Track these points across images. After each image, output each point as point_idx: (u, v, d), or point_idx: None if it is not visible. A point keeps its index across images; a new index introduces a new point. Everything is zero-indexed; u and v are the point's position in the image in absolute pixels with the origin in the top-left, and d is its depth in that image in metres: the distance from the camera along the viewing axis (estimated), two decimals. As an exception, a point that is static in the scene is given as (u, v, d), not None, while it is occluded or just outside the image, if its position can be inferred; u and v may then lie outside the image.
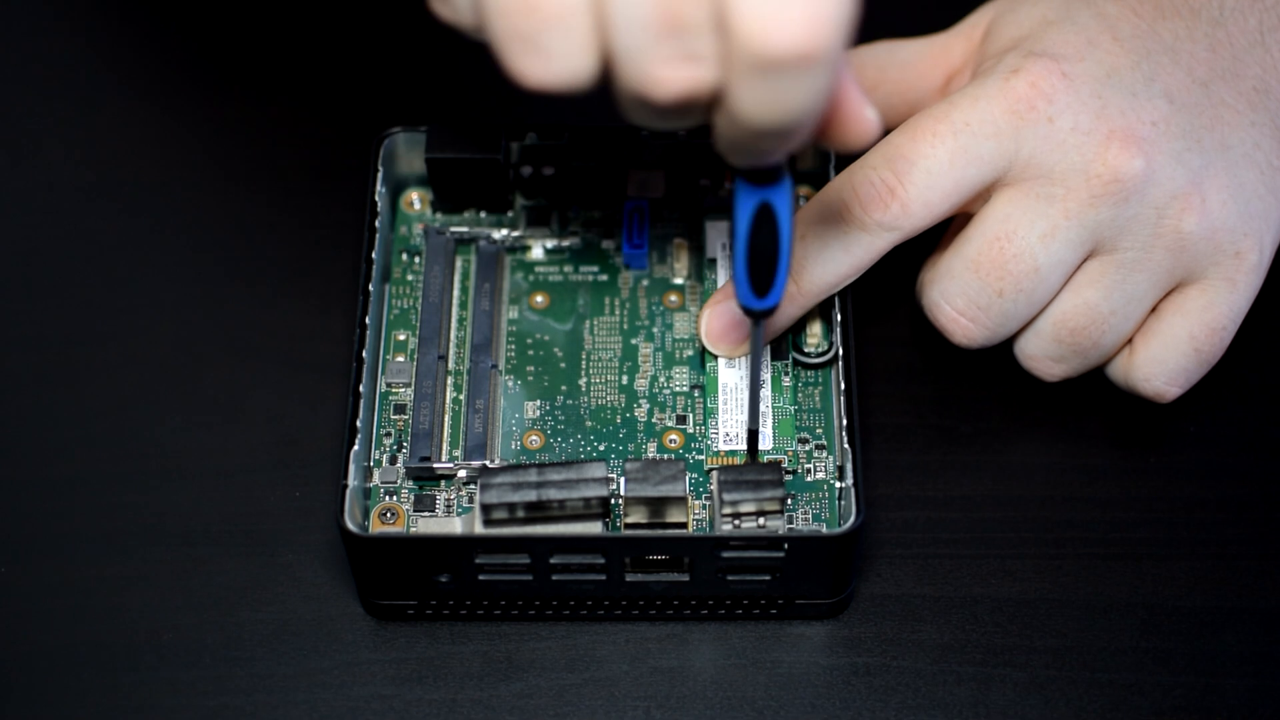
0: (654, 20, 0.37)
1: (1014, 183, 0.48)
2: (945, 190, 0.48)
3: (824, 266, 0.49)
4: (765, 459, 0.50)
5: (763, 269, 0.44)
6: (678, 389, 0.52)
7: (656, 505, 0.48)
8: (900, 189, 0.48)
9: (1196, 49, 0.48)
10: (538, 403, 0.52)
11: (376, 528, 0.49)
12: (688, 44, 0.37)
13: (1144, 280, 0.48)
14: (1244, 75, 0.49)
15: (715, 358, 0.52)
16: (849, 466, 0.48)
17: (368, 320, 0.51)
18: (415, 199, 0.55)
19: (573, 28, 0.37)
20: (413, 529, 0.49)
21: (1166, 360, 0.49)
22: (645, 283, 0.54)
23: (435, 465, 0.50)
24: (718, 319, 0.51)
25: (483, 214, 0.55)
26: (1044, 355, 0.50)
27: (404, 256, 0.54)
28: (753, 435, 0.50)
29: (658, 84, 0.38)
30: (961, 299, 0.49)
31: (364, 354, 0.50)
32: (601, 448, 0.51)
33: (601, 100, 0.39)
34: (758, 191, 0.43)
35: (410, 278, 0.54)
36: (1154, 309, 0.49)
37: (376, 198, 0.53)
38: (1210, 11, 0.49)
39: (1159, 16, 0.49)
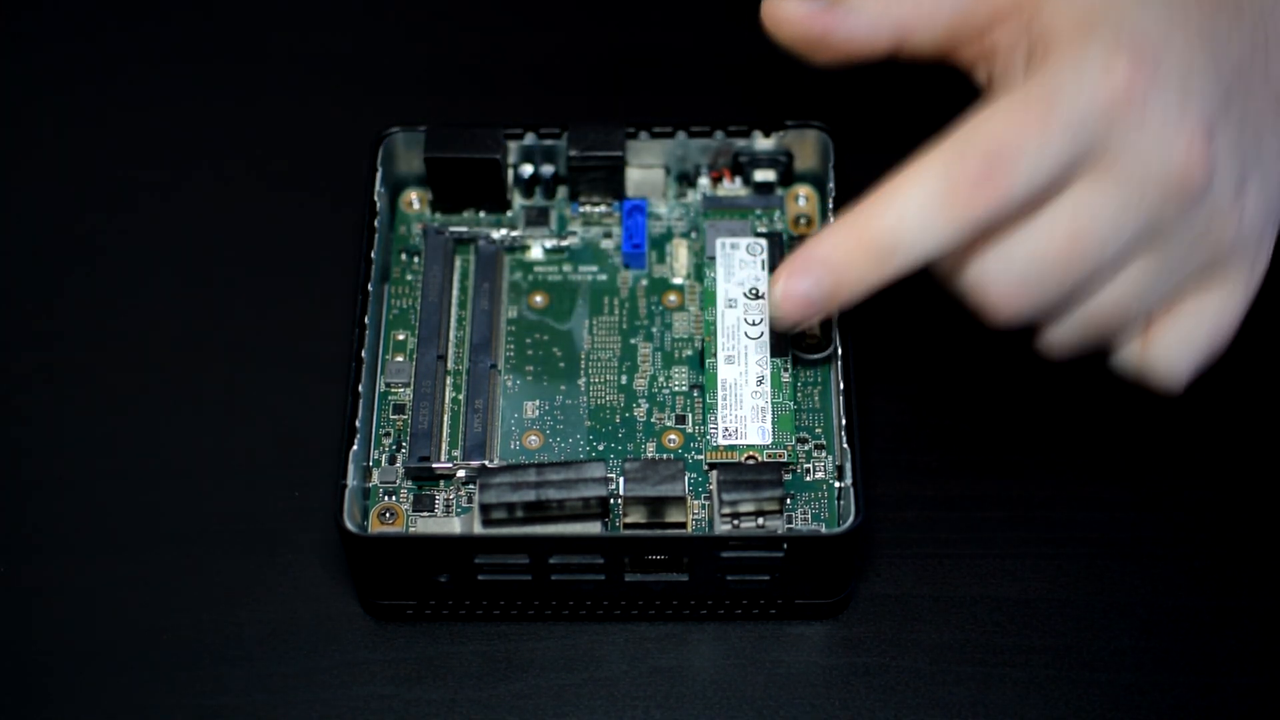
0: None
1: (1093, 175, 0.47)
2: (1036, 183, 0.47)
3: (912, 242, 0.46)
4: (765, 456, 0.50)
5: None
6: (677, 389, 0.52)
7: (656, 505, 0.48)
8: (1000, 178, 0.46)
9: (1242, 47, 0.48)
10: (537, 403, 0.52)
11: (376, 528, 0.49)
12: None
13: (1177, 281, 0.48)
14: (1273, 77, 0.48)
15: (714, 356, 0.52)
16: (848, 466, 0.48)
17: (367, 320, 0.51)
18: (415, 199, 0.55)
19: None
20: (412, 529, 0.49)
21: (1183, 357, 0.49)
22: (644, 283, 0.54)
23: (434, 465, 0.50)
24: (799, 280, 0.46)
25: (482, 214, 0.55)
26: (1062, 341, 0.49)
27: (403, 256, 0.54)
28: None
29: None
30: (1018, 281, 0.47)
31: (363, 354, 0.50)
32: (601, 448, 0.51)
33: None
34: None
35: (410, 277, 0.54)
36: None
37: (376, 198, 0.53)
38: (1254, 7, 0.48)
39: (1218, 8, 0.48)
